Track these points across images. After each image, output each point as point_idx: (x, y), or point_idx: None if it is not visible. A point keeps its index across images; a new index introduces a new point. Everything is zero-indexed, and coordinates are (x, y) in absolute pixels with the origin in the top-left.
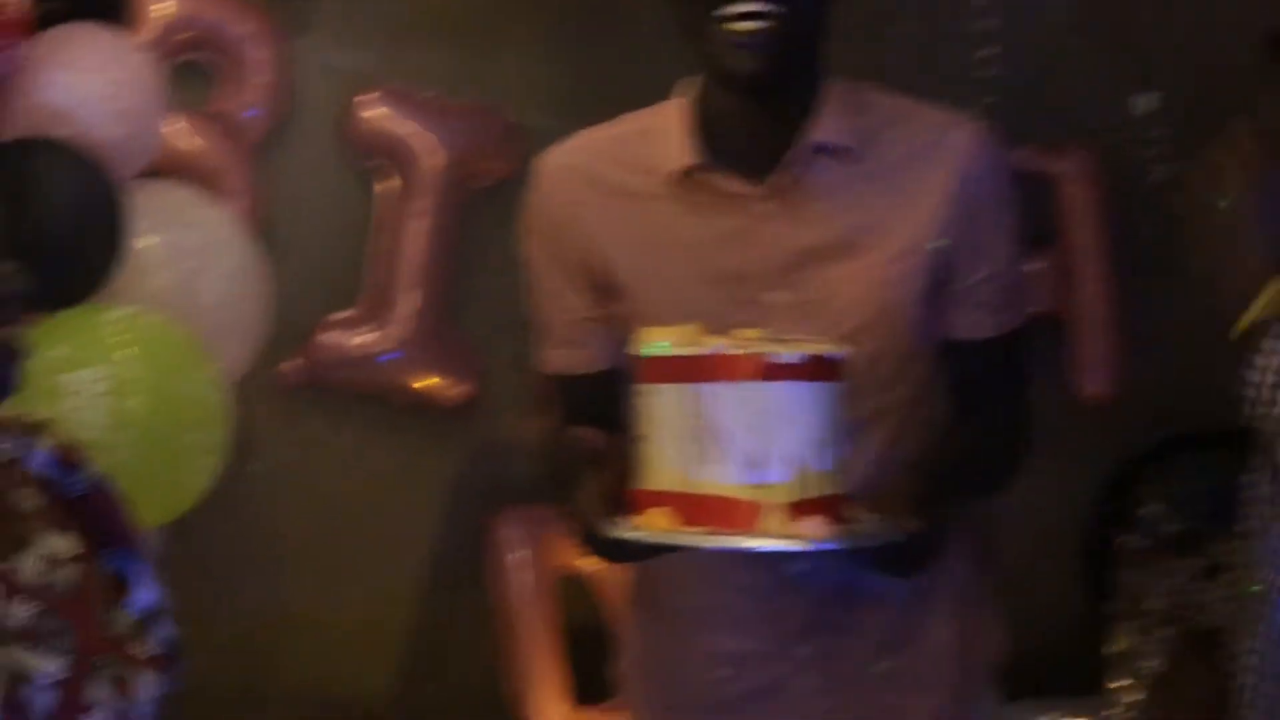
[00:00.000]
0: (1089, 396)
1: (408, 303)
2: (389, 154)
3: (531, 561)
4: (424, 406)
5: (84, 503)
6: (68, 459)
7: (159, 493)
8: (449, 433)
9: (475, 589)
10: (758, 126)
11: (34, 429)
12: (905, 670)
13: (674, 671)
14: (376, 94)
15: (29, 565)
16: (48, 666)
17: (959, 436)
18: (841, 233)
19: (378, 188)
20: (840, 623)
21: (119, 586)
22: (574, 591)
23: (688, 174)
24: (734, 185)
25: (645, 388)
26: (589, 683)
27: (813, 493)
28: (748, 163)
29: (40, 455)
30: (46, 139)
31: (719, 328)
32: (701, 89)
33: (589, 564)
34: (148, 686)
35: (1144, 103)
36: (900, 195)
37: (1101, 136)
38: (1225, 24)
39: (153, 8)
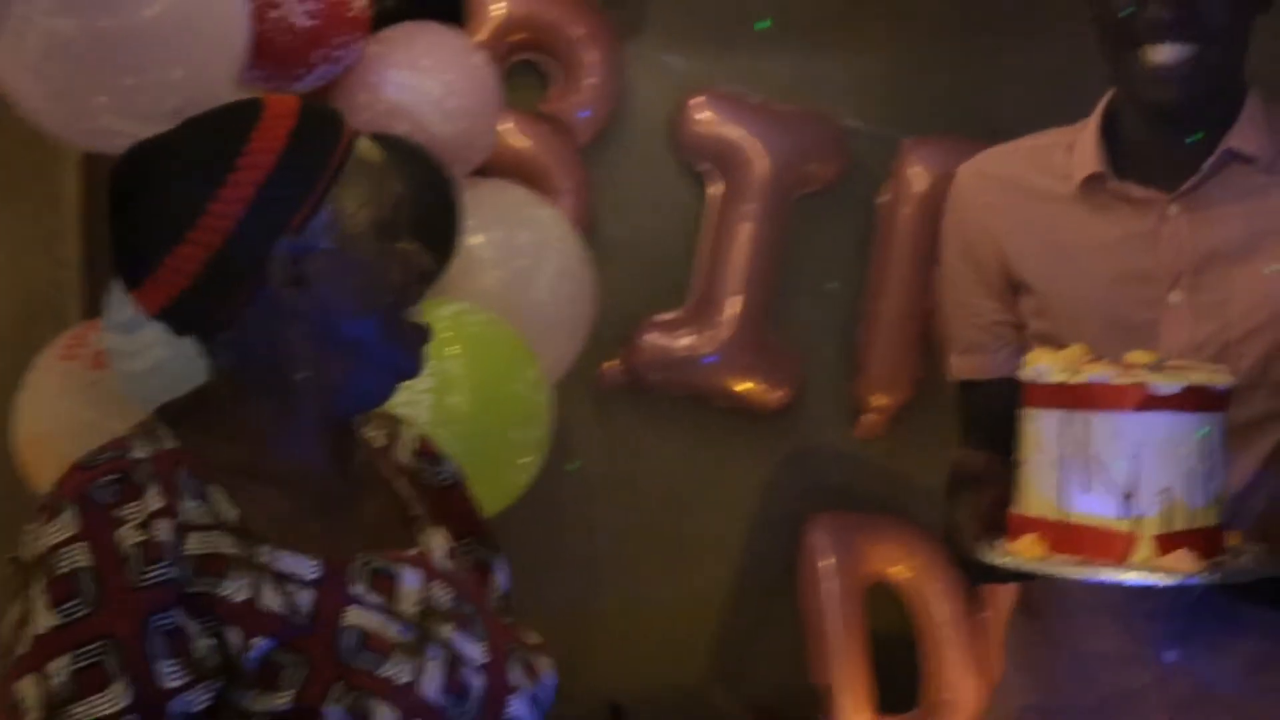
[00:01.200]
0: None
1: (731, 306)
2: (717, 157)
3: (841, 568)
4: (741, 411)
5: (450, 492)
6: (428, 450)
7: (480, 489)
8: (765, 437)
9: (786, 594)
10: (1169, 142)
11: (397, 420)
12: (1272, 688)
13: (1047, 670)
14: (706, 97)
15: (436, 550)
16: (475, 649)
17: None
18: (1244, 236)
19: (706, 191)
20: (1212, 638)
21: (486, 575)
22: (883, 600)
23: (1096, 180)
24: (1140, 191)
25: (1026, 411)
26: (894, 691)
27: (1185, 525)
28: (1156, 172)
29: (407, 446)
30: (395, 136)
31: (1120, 330)
32: (1114, 101)
33: (899, 572)
34: (548, 671)
35: None
36: None
37: None
38: None
39: (489, 8)
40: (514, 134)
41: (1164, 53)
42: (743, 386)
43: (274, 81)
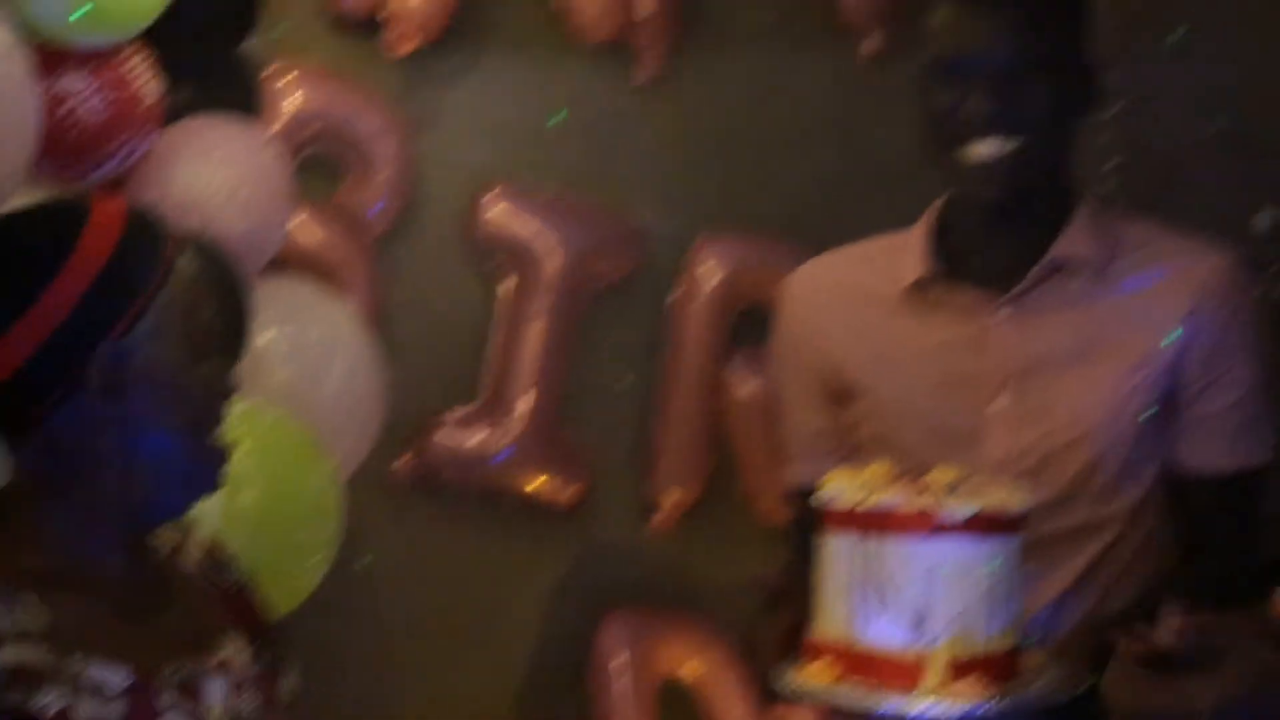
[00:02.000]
0: None
1: (522, 403)
2: (509, 253)
3: (633, 667)
4: (534, 507)
5: (239, 596)
6: (217, 554)
7: (269, 587)
8: (558, 535)
9: (578, 692)
10: (998, 243)
11: (187, 525)
12: None
13: None
14: (498, 192)
15: (236, 657)
16: None
17: (1165, 588)
18: (1072, 343)
19: (499, 285)
20: None
21: (275, 679)
22: (676, 699)
23: (924, 284)
24: (969, 296)
25: (820, 535)
26: None
27: (977, 652)
28: (985, 275)
29: (196, 549)
30: (202, 242)
31: (942, 436)
32: (945, 205)
33: (690, 671)
34: None
35: (1266, 220)
36: (1136, 314)
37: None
38: None
39: (282, 101)
40: (306, 228)
41: (986, 147)
42: (535, 484)
43: (65, 176)
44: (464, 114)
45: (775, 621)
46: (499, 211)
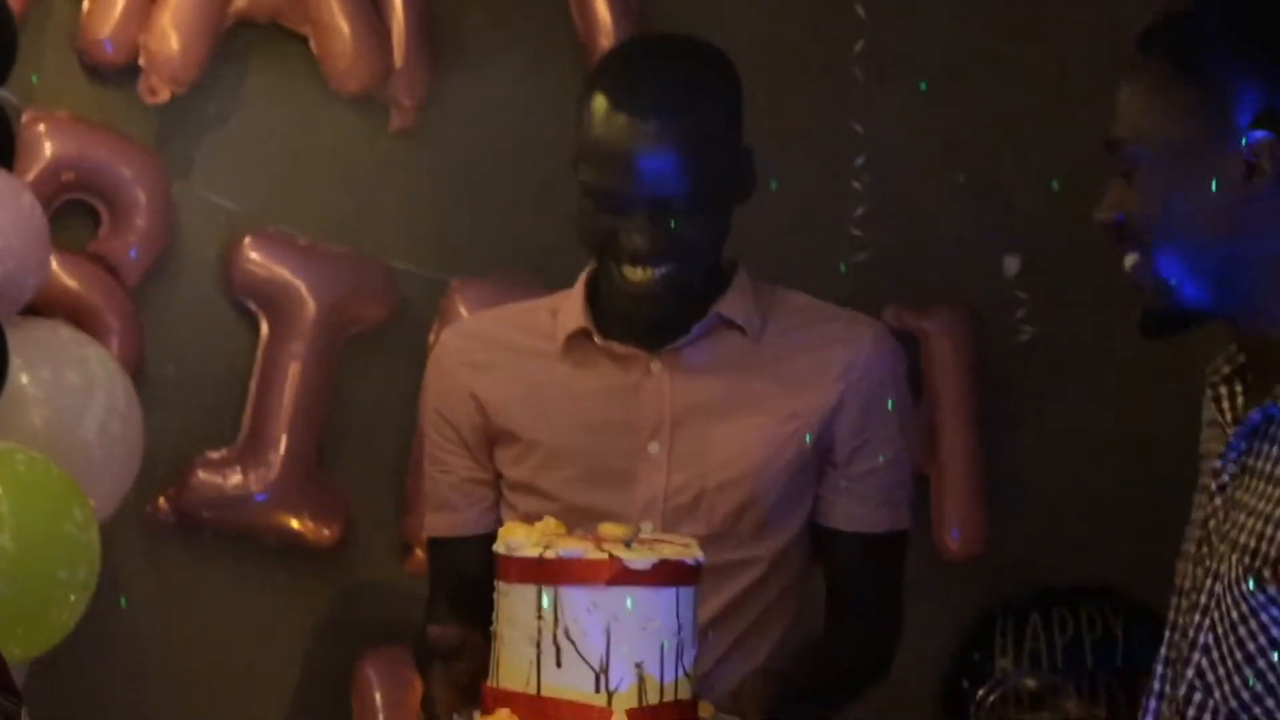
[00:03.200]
0: (952, 554)
1: (280, 445)
2: (266, 298)
3: (391, 703)
4: (292, 548)
5: None
6: None
7: (24, 628)
8: (316, 575)
9: None
10: (652, 324)
11: None
12: None
13: None
14: (255, 238)
15: None
16: None
17: (822, 647)
18: (724, 395)
19: (257, 329)
20: None
21: None
22: None
23: (581, 336)
24: (623, 349)
25: (500, 586)
26: None
27: (658, 699)
28: (639, 334)
29: None
30: None
31: (598, 476)
32: (597, 271)
33: None
34: None
35: (1012, 264)
36: (789, 374)
37: (969, 295)
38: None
39: (37, 146)
40: (64, 273)
41: (639, 274)
42: (293, 524)
43: None
44: (221, 160)
45: (445, 674)
46: (256, 257)
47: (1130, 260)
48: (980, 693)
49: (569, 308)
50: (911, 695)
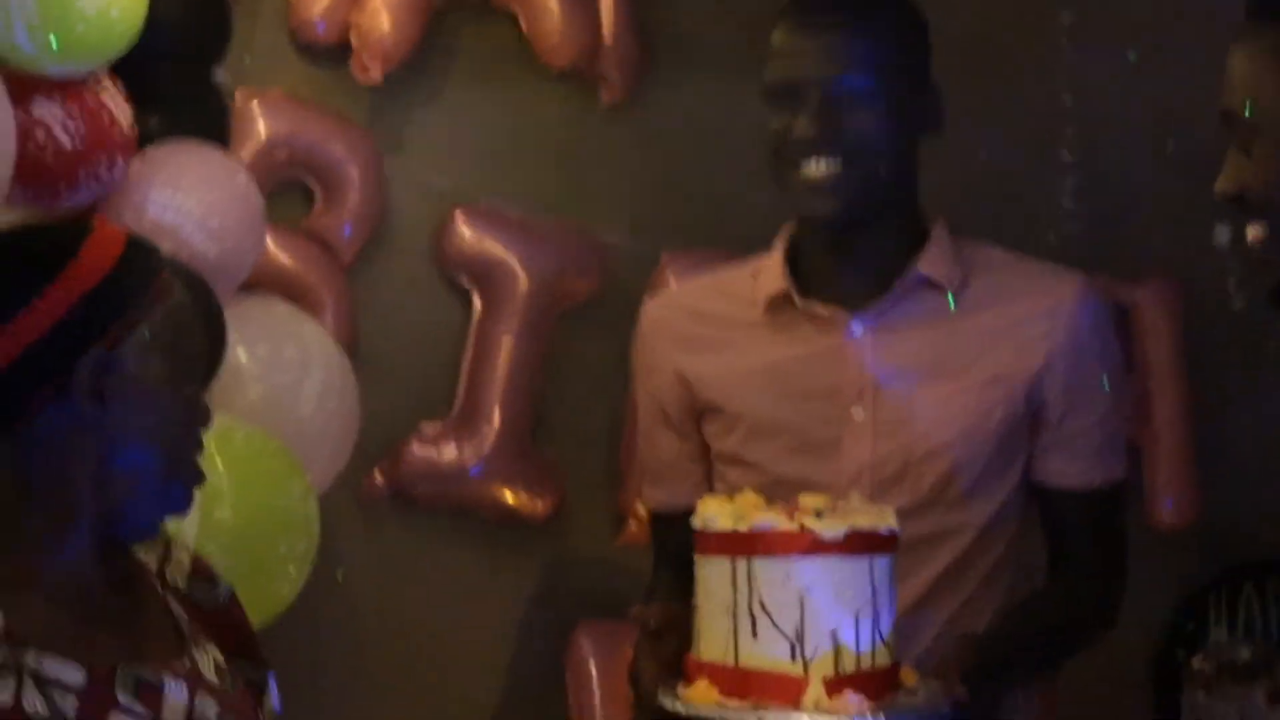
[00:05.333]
0: (1164, 524)
1: (494, 419)
2: (478, 273)
3: (607, 676)
4: (506, 521)
5: (223, 613)
6: (202, 570)
7: (247, 602)
8: (530, 548)
9: (554, 703)
10: (848, 261)
11: (168, 540)
12: None
13: None
14: (466, 213)
15: (206, 666)
16: None
17: (1033, 605)
18: (929, 358)
19: (470, 304)
20: None
21: (258, 695)
22: None
23: (781, 301)
24: (825, 309)
25: (698, 559)
26: None
27: (854, 667)
28: (840, 293)
29: (180, 566)
30: (184, 268)
31: (804, 446)
32: (795, 228)
33: None
34: None
35: (1226, 232)
36: (994, 333)
37: (1181, 266)
38: None
39: (252, 126)
40: (279, 251)
41: (813, 167)
42: (507, 497)
43: (40, 201)
44: (432, 137)
45: (653, 645)
46: (467, 233)
47: (1254, 231)
48: (1194, 662)
49: (769, 269)
50: (1124, 664)
